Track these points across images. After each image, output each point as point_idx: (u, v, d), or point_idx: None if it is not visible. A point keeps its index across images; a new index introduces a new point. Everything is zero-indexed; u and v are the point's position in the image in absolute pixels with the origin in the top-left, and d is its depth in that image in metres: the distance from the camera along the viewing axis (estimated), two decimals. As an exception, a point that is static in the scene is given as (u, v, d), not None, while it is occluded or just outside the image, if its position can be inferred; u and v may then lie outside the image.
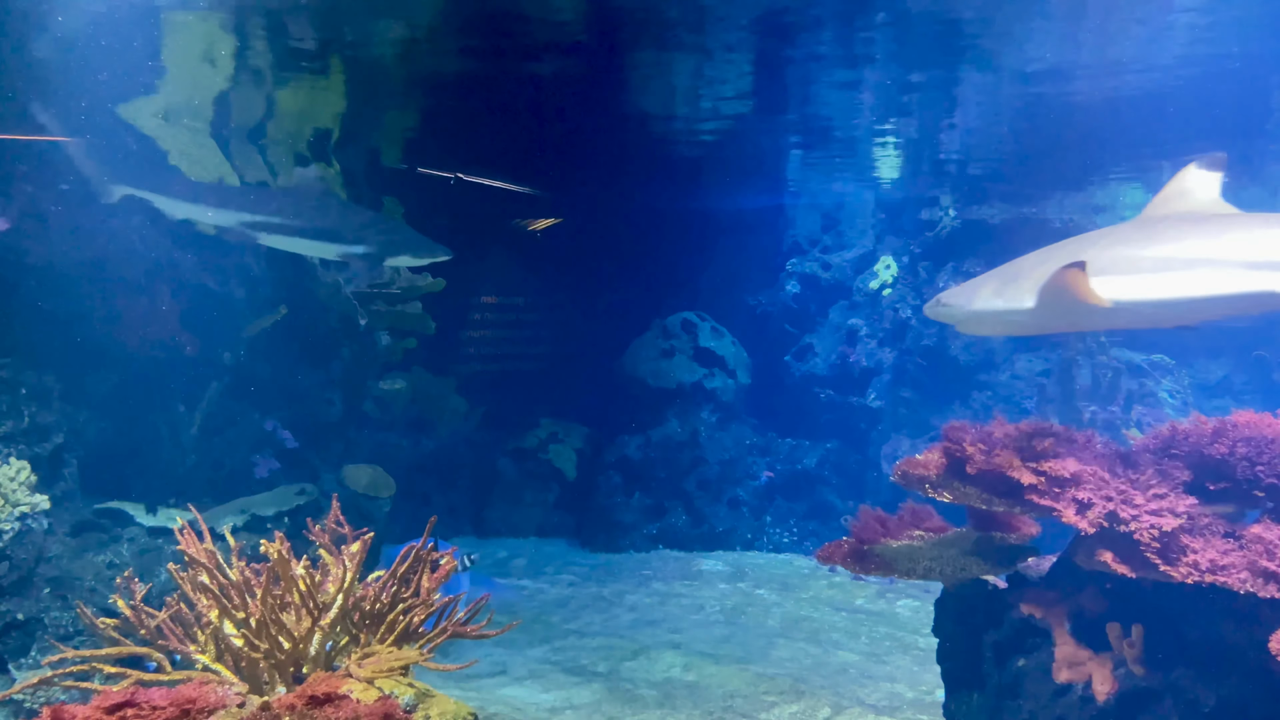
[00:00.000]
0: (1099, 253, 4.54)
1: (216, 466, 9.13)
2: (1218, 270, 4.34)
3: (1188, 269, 4.38)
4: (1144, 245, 4.52)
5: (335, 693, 3.16)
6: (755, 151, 12.14)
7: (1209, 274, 4.34)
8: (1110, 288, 4.39)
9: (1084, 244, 4.78)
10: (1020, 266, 4.82)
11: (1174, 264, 4.41)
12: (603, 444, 14.39)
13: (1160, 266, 4.43)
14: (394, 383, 11.94)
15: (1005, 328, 5.06)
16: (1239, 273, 4.31)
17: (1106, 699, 4.56)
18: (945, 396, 13.21)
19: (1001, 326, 5.02)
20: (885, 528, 5.53)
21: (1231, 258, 4.34)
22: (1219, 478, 4.53)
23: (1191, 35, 7.44)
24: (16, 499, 6.72)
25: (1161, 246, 4.49)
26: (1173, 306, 4.49)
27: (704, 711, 7.64)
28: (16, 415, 7.15)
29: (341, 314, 10.39)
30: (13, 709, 5.91)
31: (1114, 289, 4.40)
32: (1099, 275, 4.39)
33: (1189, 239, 4.46)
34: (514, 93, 9.14)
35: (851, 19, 7.07)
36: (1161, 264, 4.43)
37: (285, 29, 7.15)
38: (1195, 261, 4.38)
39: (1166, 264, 4.42)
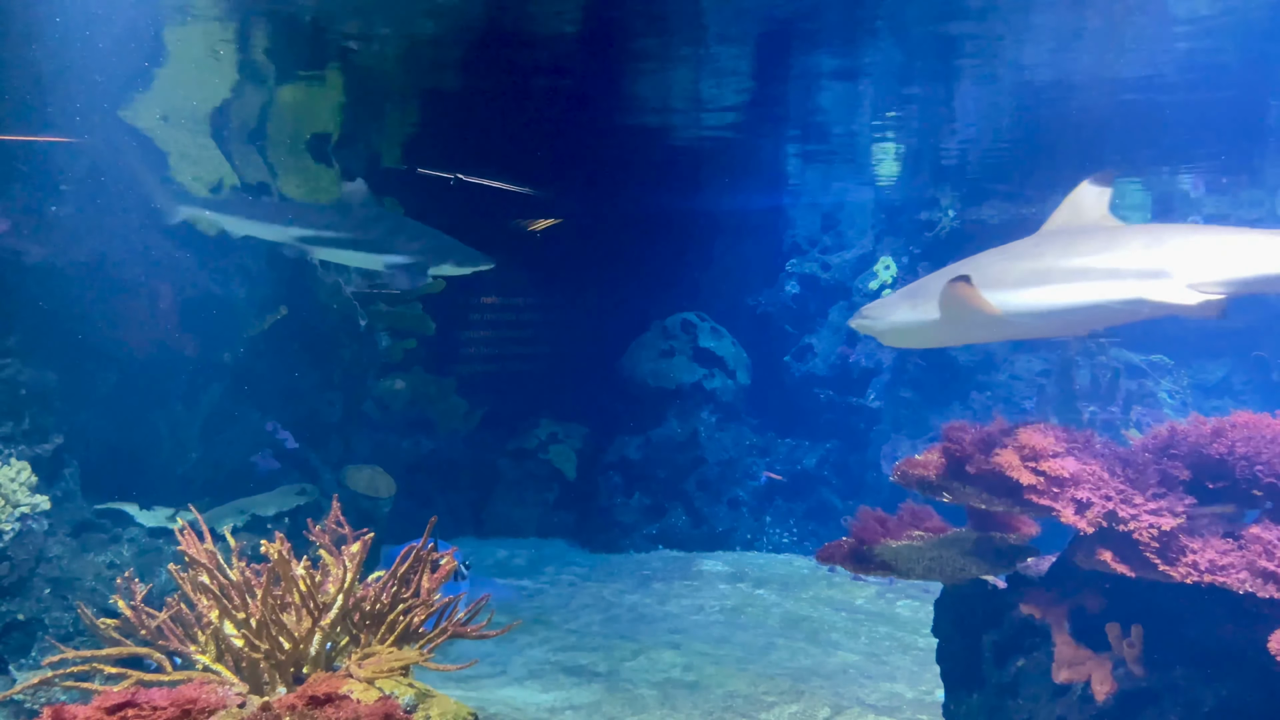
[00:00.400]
0: (991, 266, 4.81)
1: (216, 467, 9.13)
2: (1092, 280, 4.57)
3: (1066, 280, 4.62)
4: (1031, 258, 4.78)
5: (336, 693, 3.17)
6: (755, 152, 12.15)
7: (1085, 284, 4.57)
8: (1000, 299, 4.61)
9: (985, 257, 5.03)
10: (930, 280, 5.03)
11: (1054, 275, 4.65)
12: (603, 444, 14.39)
13: (1043, 278, 4.67)
14: (394, 383, 11.96)
15: (922, 339, 5.30)
16: (1111, 282, 4.55)
17: (1106, 699, 4.56)
18: (945, 397, 13.21)
19: (918, 338, 5.26)
20: (885, 528, 5.53)
21: (1105, 268, 4.58)
22: (1218, 478, 4.54)
23: (1190, 36, 7.45)
24: (17, 499, 6.72)
25: (1045, 260, 4.73)
26: (1056, 315, 4.70)
27: (704, 711, 7.65)
28: (17, 416, 7.15)
29: (342, 314, 10.40)
30: (13, 709, 5.91)
31: (1003, 300, 4.62)
32: (990, 288, 4.62)
33: (1069, 252, 4.70)
34: (514, 93, 9.14)
35: (851, 21, 7.08)
36: (1044, 275, 4.68)
37: (285, 31, 7.15)
38: (1073, 272, 4.62)
39: (1048, 275, 4.67)
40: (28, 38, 6.77)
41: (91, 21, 6.55)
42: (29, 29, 6.64)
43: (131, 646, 3.73)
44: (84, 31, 6.67)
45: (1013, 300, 4.66)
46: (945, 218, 13.91)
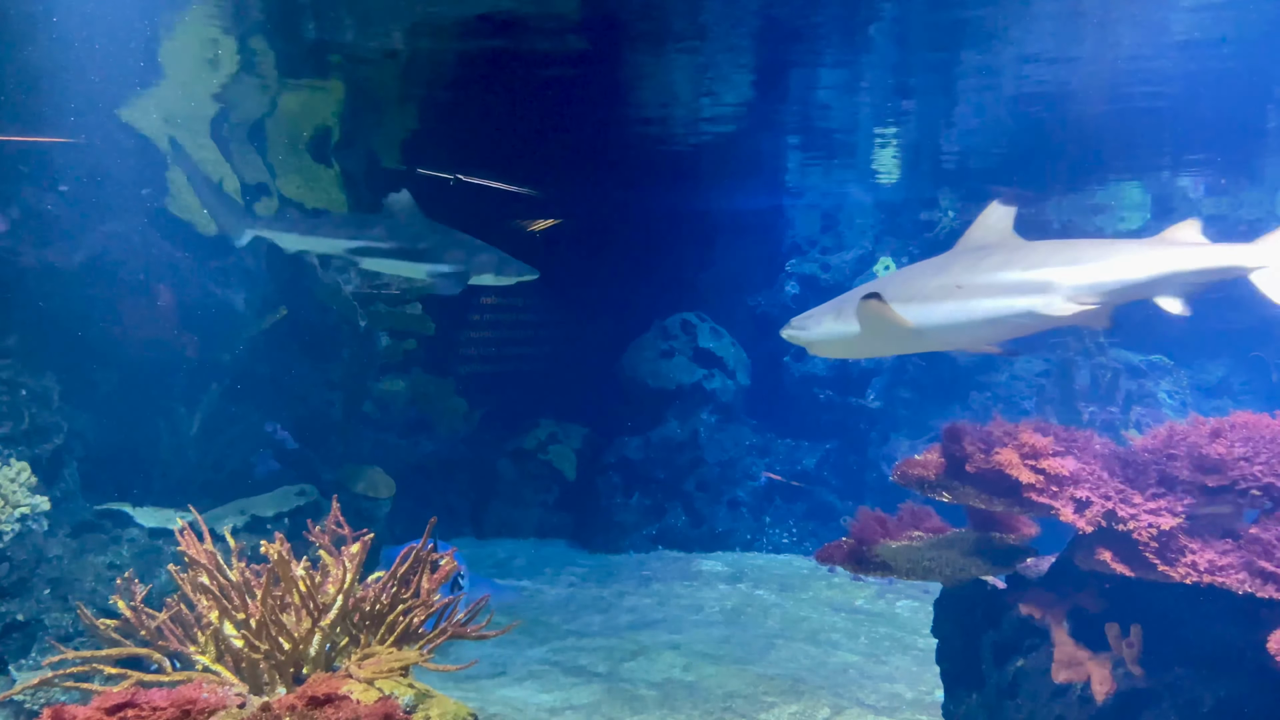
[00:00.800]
0: (906, 282, 5.15)
1: (216, 467, 9.14)
2: (991, 296, 4.88)
3: (969, 296, 4.92)
4: (941, 275, 5.08)
5: (335, 693, 3.17)
6: (754, 152, 12.15)
7: (984, 300, 4.88)
8: (913, 313, 4.93)
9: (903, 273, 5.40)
10: (854, 294, 5.28)
11: (959, 291, 4.95)
12: (602, 445, 14.39)
13: (950, 294, 4.97)
14: (394, 384, 11.95)
15: (847, 350, 5.51)
16: (1006, 298, 4.86)
17: (1105, 699, 4.57)
18: (944, 397, 13.22)
19: (844, 349, 5.47)
20: (884, 528, 5.53)
21: (1001, 284, 4.88)
22: (1217, 478, 4.54)
23: (1190, 37, 7.46)
24: (17, 500, 6.72)
25: (952, 276, 5.02)
26: (962, 329, 5.03)
27: (703, 712, 7.65)
28: (17, 416, 7.15)
29: (341, 315, 10.40)
30: (13, 710, 5.91)
31: (915, 314, 4.93)
32: (904, 302, 4.95)
33: (973, 269, 4.98)
34: (514, 94, 9.15)
35: (851, 22, 7.09)
36: (951, 292, 4.97)
37: (285, 31, 7.16)
38: (975, 289, 4.91)
39: (954, 292, 4.96)
40: (26, 39, 6.78)
41: (90, 22, 6.56)
42: (27, 30, 6.64)
43: (131, 647, 3.73)
44: (82, 32, 6.67)
45: (923, 314, 4.95)
46: (945, 218, 13.91)
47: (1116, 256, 4.78)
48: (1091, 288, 4.76)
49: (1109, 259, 4.78)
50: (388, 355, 11.42)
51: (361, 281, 10.66)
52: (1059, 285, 4.79)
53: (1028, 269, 4.86)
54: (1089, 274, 4.77)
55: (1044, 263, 4.86)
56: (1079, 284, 4.77)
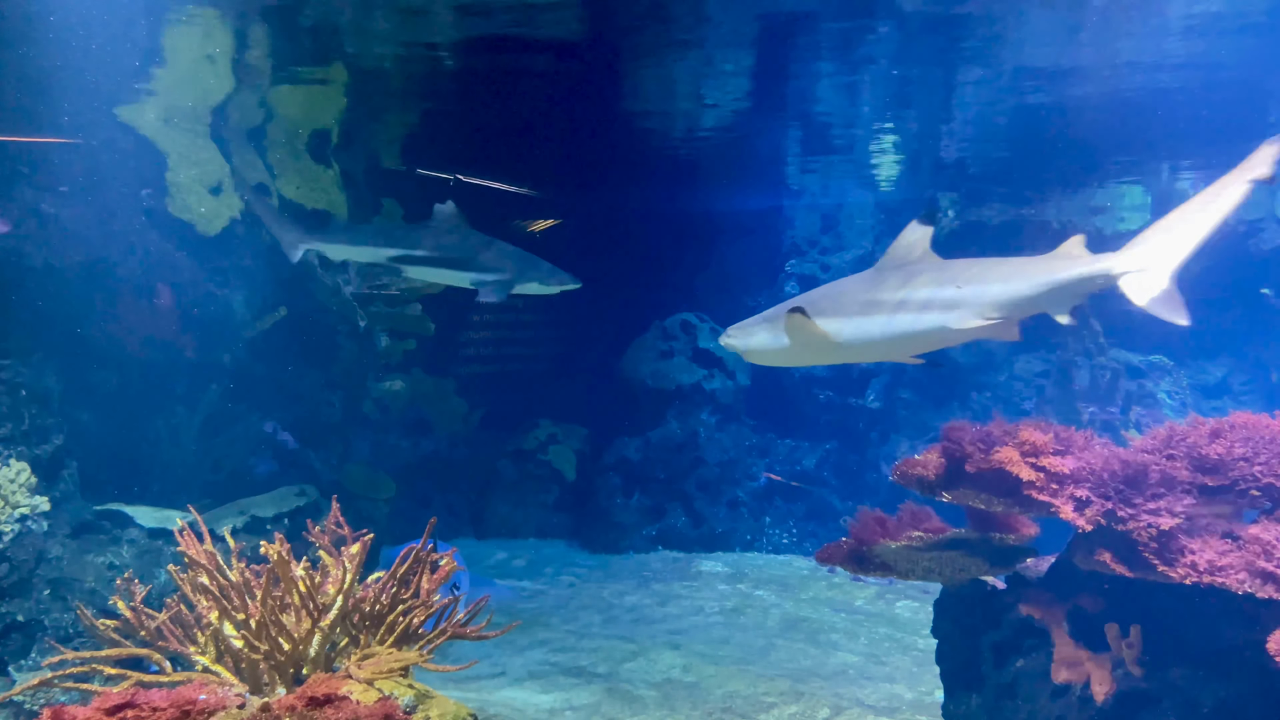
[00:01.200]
0: (831, 297, 5.42)
1: (216, 468, 9.14)
2: (907, 312, 5.16)
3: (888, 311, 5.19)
4: (862, 291, 5.33)
5: (335, 694, 3.17)
6: (754, 153, 12.15)
7: (901, 315, 5.16)
8: (835, 326, 5.20)
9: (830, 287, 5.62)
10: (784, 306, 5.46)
11: (878, 307, 5.23)
12: (602, 445, 14.39)
13: (869, 309, 5.24)
14: (393, 384, 11.95)
15: (779, 359, 5.68)
16: (920, 313, 5.15)
17: (1105, 699, 4.57)
18: (944, 397, 13.22)
19: (775, 358, 5.65)
20: (884, 529, 5.53)
21: (916, 300, 5.15)
22: (1216, 478, 4.54)
23: (1189, 38, 7.46)
24: (16, 500, 6.72)
25: (872, 293, 5.28)
26: (882, 342, 5.29)
27: (703, 712, 7.65)
28: (16, 417, 7.15)
29: (341, 315, 10.41)
30: (13, 710, 5.91)
31: (837, 328, 5.20)
32: (828, 316, 5.22)
33: (891, 286, 5.25)
34: (514, 94, 9.15)
35: (850, 22, 7.09)
36: (870, 307, 5.24)
37: (284, 31, 7.16)
38: (893, 305, 5.18)
39: (873, 307, 5.23)
40: (26, 39, 6.78)
41: (89, 22, 6.56)
42: (26, 30, 6.65)
43: (131, 647, 3.73)
44: (81, 32, 6.67)
45: (844, 328, 5.22)
46: (945, 218, 13.91)
47: (1016, 274, 5.07)
48: (995, 303, 5.03)
49: (1010, 276, 5.07)
50: (387, 355, 11.43)
51: (361, 282, 10.66)
52: (967, 302, 5.07)
53: (939, 286, 5.13)
54: (993, 291, 5.05)
55: (954, 281, 5.13)
56: (985, 300, 5.04)
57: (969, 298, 5.06)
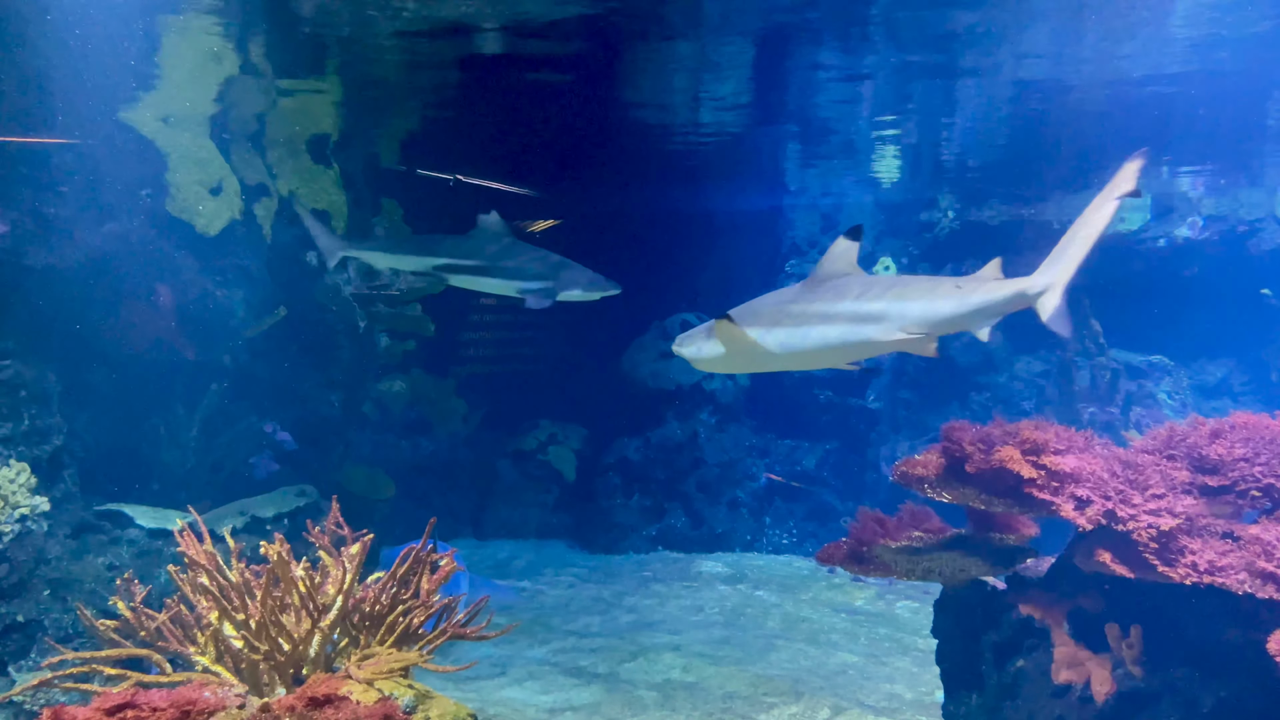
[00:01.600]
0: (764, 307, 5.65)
1: (216, 468, 9.13)
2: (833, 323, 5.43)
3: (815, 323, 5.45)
4: (792, 303, 5.58)
5: (335, 694, 3.16)
6: (754, 153, 12.15)
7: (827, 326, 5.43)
8: (762, 335, 5.44)
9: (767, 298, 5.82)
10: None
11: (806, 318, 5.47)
12: (602, 445, 14.38)
13: (798, 320, 5.48)
14: (393, 384, 11.95)
15: (720, 366, 5.91)
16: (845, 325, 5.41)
17: (1105, 700, 4.57)
18: (944, 398, 13.22)
19: (717, 365, 5.88)
20: (884, 529, 5.53)
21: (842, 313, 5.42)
22: (1217, 478, 4.54)
23: (1190, 39, 7.46)
24: (16, 501, 6.72)
25: (801, 305, 5.53)
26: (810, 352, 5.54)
27: (703, 713, 7.65)
28: (16, 417, 7.15)
29: (341, 315, 10.40)
30: (12, 711, 5.91)
31: (763, 337, 5.44)
32: (755, 325, 5.46)
33: (819, 299, 5.50)
34: (513, 94, 9.15)
35: (850, 23, 7.09)
36: (799, 318, 5.48)
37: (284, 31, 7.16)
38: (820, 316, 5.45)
39: (802, 318, 5.47)
40: (25, 39, 6.78)
41: (89, 23, 6.56)
42: (25, 31, 6.65)
43: (131, 648, 3.73)
44: (82, 33, 6.67)
45: (772, 337, 5.46)
46: (945, 219, 13.92)
47: (937, 294, 5.33)
48: (916, 320, 5.29)
49: (930, 296, 5.33)
50: (387, 356, 11.43)
51: (361, 282, 10.67)
52: (890, 316, 5.34)
53: (863, 301, 5.39)
54: (915, 308, 5.31)
55: (879, 296, 5.39)
56: (906, 316, 5.31)
57: (893, 312, 5.32)
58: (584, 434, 14.80)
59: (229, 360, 9.14)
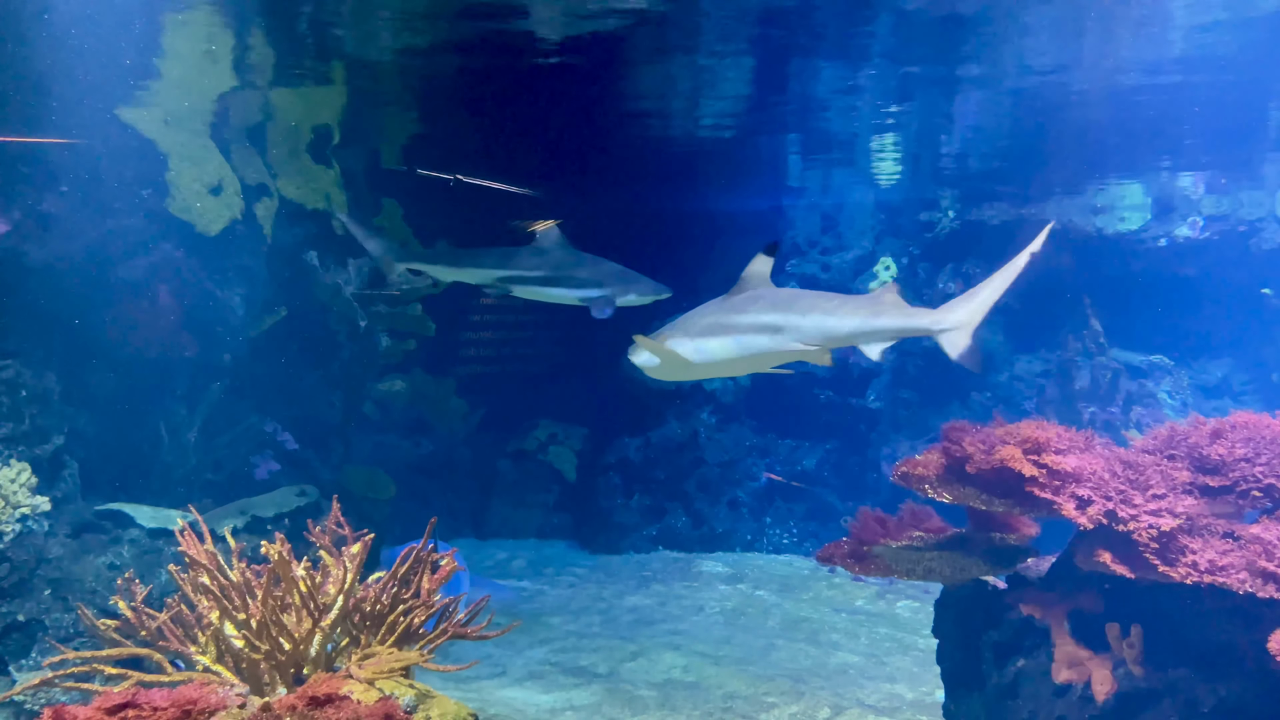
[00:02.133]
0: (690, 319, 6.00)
1: (217, 468, 9.13)
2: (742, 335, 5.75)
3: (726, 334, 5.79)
4: (711, 316, 5.93)
5: (336, 693, 3.17)
6: (754, 153, 12.15)
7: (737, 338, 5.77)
8: (680, 346, 5.80)
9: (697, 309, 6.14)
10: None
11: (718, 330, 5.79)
12: (602, 445, 14.38)
13: (712, 332, 5.82)
14: (394, 384, 11.95)
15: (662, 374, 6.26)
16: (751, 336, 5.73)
17: (1106, 699, 4.57)
18: (944, 397, 13.22)
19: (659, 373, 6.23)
20: (885, 528, 5.54)
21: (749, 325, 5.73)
22: (1218, 478, 4.54)
23: (1190, 40, 7.46)
24: (17, 500, 6.72)
25: (717, 317, 5.87)
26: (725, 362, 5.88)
27: (704, 712, 7.65)
28: (17, 417, 7.15)
29: (341, 315, 10.40)
30: (13, 710, 5.91)
31: (681, 347, 5.80)
32: (676, 336, 5.85)
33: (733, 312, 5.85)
34: (514, 93, 9.15)
35: (851, 22, 7.09)
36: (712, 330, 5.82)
37: (284, 29, 7.15)
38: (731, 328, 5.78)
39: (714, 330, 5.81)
40: (25, 38, 6.78)
41: (88, 21, 6.56)
42: (26, 29, 6.64)
43: (132, 647, 3.73)
44: (81, 31, 6.67)
45: (689, 348, 5.82)
46: (945, 218, 13.91)
47: (839, 310, 5.66)
48: (812, 334, 5.65)
49: (833, 312, 5.66)
50: (388, 356, 11.42)
51: (361, 282, 10.67)
52: (789, 329, 5.68)
53: (770, 313, 5.73)
54: (812, 323, 5.64)
55: (782, 309, 5.74)
56: (804, 329, 5.66)
57: (792, 325, 5.67)
58: (584, 434, 14.80)
59: (230, 360, 9.13)
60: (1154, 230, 13.12)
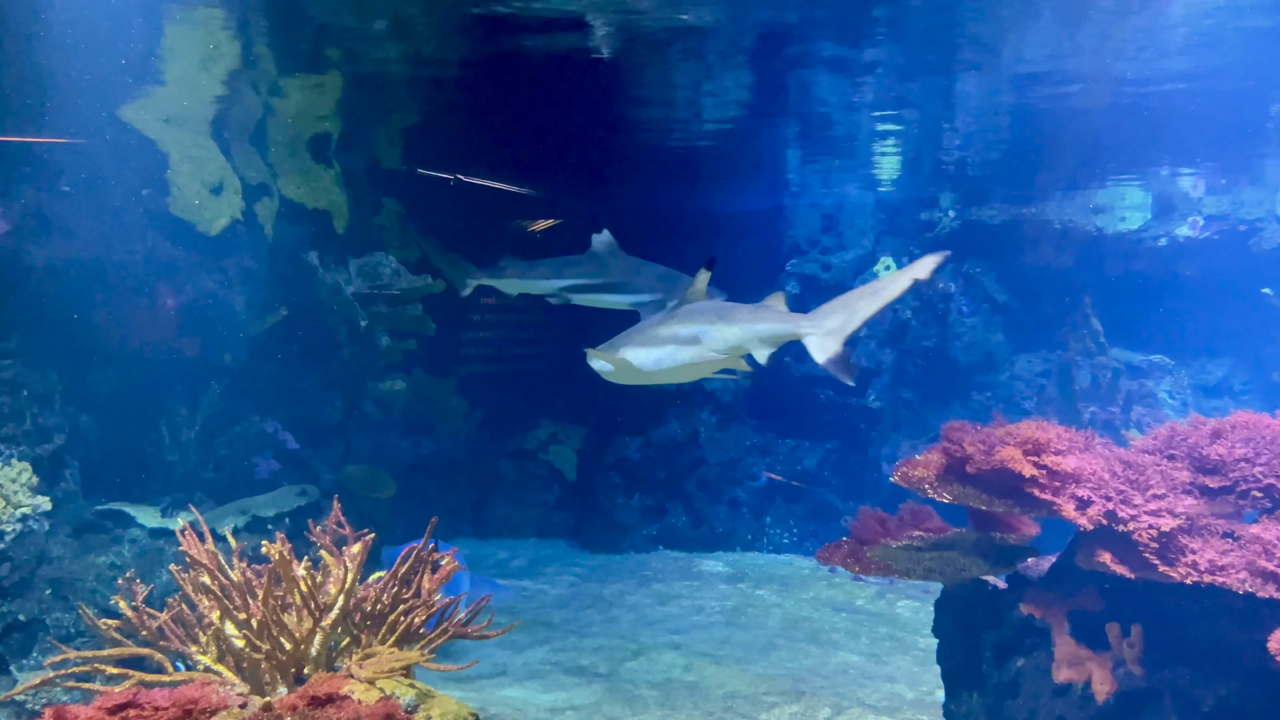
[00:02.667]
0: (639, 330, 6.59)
1: (217, 468, 9.14)
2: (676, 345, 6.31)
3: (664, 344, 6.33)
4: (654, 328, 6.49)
5: (337, 693, 3.17)
6: (755, 153, 12.15)
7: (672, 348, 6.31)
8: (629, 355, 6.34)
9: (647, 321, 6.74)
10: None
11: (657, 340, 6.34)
12: (603, 445, 14.38)
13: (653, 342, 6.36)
14: (394, 384, 11.95)
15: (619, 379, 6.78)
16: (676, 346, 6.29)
17: (1106, 698, 4.57)
18: (945, 397, 13.22)
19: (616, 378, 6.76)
20: (885, 528, 5.54)
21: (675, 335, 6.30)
22: (1218, 478, 4.54)
23: (1189, 40, 7.45)
24: (18, 500, 6.73)
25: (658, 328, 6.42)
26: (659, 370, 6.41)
27: (704, 712, 7.65)
28: (18, 417, 7.16)
29: (342, 315, 10.41)
30: (14, 710, 5.92)
31: (629, 355, 6.33)
32: (623, 347, 6.40)
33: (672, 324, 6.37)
34: (514, 93, 9.15)
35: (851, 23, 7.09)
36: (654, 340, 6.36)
37: (285, 29, 7.16)
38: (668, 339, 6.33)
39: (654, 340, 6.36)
40: (26, 38, 6.78)
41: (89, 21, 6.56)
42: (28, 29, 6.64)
43: (133, 647, 3.74)
44: (83, 31, 6.67)
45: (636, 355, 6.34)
46: (945, 218, 13.91)
47: (737, 320, 6.23)
48: (718, 342, 6.22)
49: (729, 322, 6.22)
50: (388, 355, 11.42)
51: (362, 282, 10.68)
52: (704, 339, 6.25)
53: (690, 325, 6.31)
54: (719, 332, 6.21)
55: (700, 321, 6.32)
56: (712, 339, 6.22)
57: (705, 335, 6.26)
58: (584, 433, 14.80)
59: (230, 359, 9.14)
60: (1154, 230, 13.13)
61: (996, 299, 13.29)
